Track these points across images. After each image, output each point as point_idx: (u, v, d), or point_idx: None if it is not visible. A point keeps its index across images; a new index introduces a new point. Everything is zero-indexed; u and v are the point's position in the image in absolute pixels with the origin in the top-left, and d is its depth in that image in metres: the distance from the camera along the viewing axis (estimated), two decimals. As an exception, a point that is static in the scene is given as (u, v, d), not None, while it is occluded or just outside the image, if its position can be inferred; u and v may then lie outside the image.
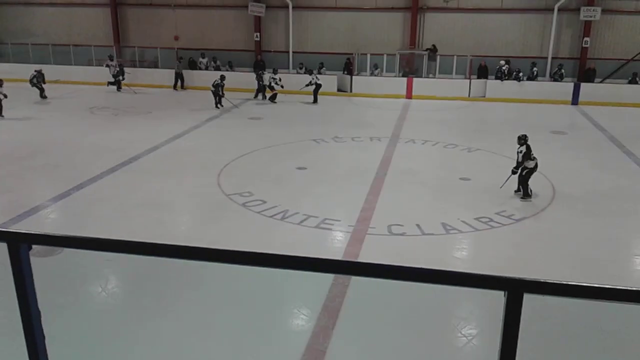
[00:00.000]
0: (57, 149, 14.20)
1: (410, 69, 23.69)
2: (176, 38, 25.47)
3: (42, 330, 1.92)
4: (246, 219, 9.73)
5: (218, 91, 19.13)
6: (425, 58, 23.19)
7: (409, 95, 22.30)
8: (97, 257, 7.36)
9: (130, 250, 1.80)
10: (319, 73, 22.46)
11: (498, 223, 9.59)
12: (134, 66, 24.87)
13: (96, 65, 24.86)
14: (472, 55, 22.46)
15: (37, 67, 21.40)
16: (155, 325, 6.39)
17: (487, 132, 16.92)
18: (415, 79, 22.53)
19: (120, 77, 22.53)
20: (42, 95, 20.74)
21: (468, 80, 22.27)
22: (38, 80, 20.64)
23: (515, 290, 1.27)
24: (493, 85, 21.99)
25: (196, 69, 24.31)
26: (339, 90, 22.80)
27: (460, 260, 8.47)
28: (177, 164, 13.07)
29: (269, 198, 10.55)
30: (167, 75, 23.55)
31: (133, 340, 6.13)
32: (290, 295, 7.10)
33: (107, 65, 23.47)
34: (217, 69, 24.32)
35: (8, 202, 10.35)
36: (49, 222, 9.76)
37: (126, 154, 13.58)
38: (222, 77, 19.49)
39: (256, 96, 21.53)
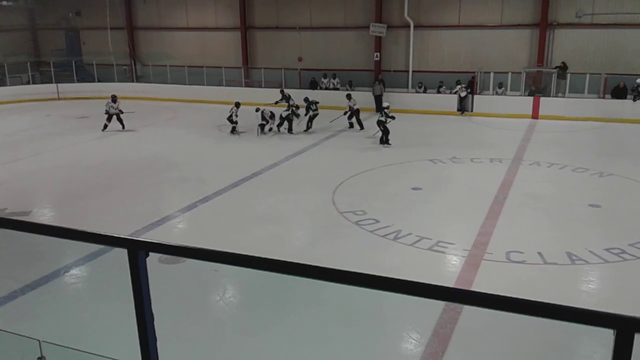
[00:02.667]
0: (187, 163, 15.26)
1: (537, 87, 22.55)
2: (300, 59, 26.42)
3: (154, 332, 2.05)
4: (358, 237, 9.75)
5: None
6: (554, 76, 21.95)
7: (535, 115, 21.20)
8: (214, 267, 7.76)
9: (235, 263, 1.88)
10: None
11: (632, 256, 8.74)
12: (260, 86, 26.10)
13: (225, 86, 26.44)
14: (607, 74, 20.88)
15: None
16: (266, 337, 6.58)
17: (622, 156, 15.58)
18: (542, 98, 21.39)
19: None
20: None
21: (602, 100, 20.71)
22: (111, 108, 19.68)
23: (624, 329, 1.15)
24: (631, 105, 20.25)
25: (317, 89, 25.00)
26: (459, 109, 22.25)
27: (585, 293, 7.82)
28: (294, 180, 13.46)
29: (382, 217, 10.50)
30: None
31: (243, 350, 6.35)
32: (400, 317, 6.97)
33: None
34: (336, 88, 24.85)
35: (144, 212, 11.26)
36: (176, 232, 10.47)
37: (248, 169, 14.24)
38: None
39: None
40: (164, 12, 29.30)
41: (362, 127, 19.52)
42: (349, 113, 19.76)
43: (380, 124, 16.89)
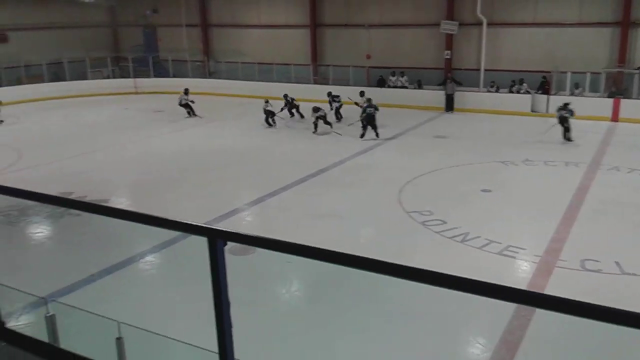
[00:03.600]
0: (254, 158, 15.56)
1: (617, 88, 21.39)
2: (368, 57, 26.32)
3: (230, 319, 2.11)
4: (424, 238, 9.62)
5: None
6: (637, 77, 20.76)
7: (614, 118, 20.13)
8: (283, 260, 7.87)
9: (313, 255, 1.89)
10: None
11: None
12: (328, 84, 26.19)
13: (294, 83, 26.74)
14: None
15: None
16: (328, 331, 6.61)
17: None
18: (623, 100, 20.26)
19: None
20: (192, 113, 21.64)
21: (691, 103, 19.40)
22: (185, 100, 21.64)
23: None
24: None
25: (384, 86, 24.83)
26: (532, 110, 21.47)
27: (668, 307, 7.36)
28: (360, 178, 13.44)
29: (449, 219, 10.30)
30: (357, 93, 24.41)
31: (305, 342, 6.41)
32: (467, 321, 6.82)
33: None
34: (404, 86, 24.59)
35: (213, 204, 11.58)
36: (244, 225, 10.70)
37: (315, 165, 14.34)
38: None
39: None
40: (237, 10, 29.95)
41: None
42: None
43: None
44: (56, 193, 9.82)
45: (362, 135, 17.28)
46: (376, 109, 17.26)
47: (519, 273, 8.31)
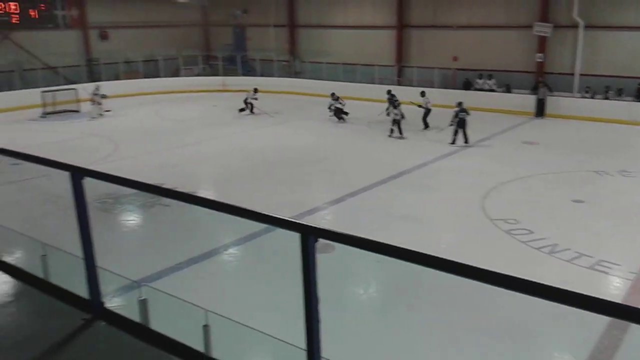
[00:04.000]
0: (336, 157, 15.66)
1: None
2: (455, 59, 25.74)
3: (319, 314, 2.13)
4: (509, 248, 9.28)
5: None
6: None
7: None
8: (363, 261, 7.87)
9: (402, 257, 1.88)
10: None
11: None
12: (411, 85, 25.86)
13: (378, 84, 26.64)
14: None
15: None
16: (405, 336, 6.54)
17: None
18: None
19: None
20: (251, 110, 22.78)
21: None
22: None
23: None
24: None
25: (470, 89, 24.19)
26: (631, 118, 20.15)
27: None
28: (443, 182, 13.18)
29: (536, 229, 9.88)
30: (442, 96, 23.97)
31: (380, 344, 6.37)
32: (554, 335, 6.52)
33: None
34: (491, 90, 23.84)
35: (294, 201, 11.77)
36: (323, 224, 10.79)
37: (397, 167, 14.22)
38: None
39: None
40: (324, 11, 30.22)
41: (426, 127, 19.30)
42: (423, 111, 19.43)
43: None
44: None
45: (454, 142, 16.86)
46: (467, 113, 16.85)
47: (612, 289, 7.83)
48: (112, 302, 3.98)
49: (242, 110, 22.68)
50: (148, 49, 29.39)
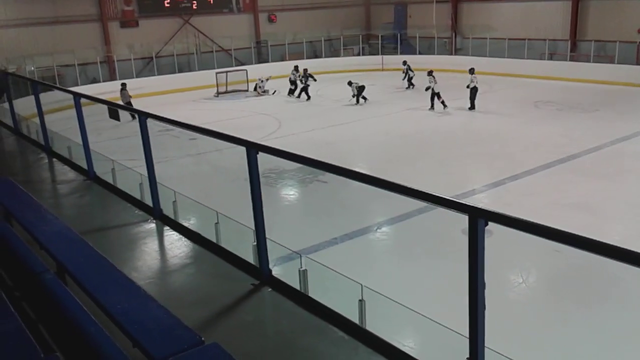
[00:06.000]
0: (496, 139, 14.90)
1: None
2: (640, 31, 22.96)
3: (484, 300, 2.06)
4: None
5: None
6: None
7: None
8: (522, 248, 7.46)
9: (588, 248, 1.73)
10: None
11: None
12: (588, 61, 23.62)
13: (547, 60, 24.76)
14: None
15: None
16: (565, 331, 6.10)
17: None
18: None
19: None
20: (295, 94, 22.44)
21: None
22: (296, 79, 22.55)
23: None
24: None
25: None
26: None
27: None
28: (619, 168, 11.93)
29: None
30: (623, 73, 21.59)
31: (542, 340, 6.01)
32: None
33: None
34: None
35: (449, 183, 11.46)
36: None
37: (564, 151, 13.17)
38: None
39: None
40: (492, -17, 28.72)
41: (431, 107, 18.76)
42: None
43: None
44: (309, 160, 10.76)
45: None
46: None
47: None
48: (275, 271, 4.23)
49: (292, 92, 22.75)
50: (311, 30, 30.38)
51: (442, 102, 18.70)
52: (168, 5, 27.48)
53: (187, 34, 28.42)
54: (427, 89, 19.18)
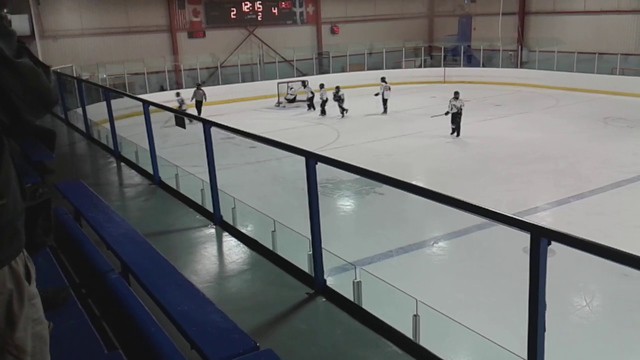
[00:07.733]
0: (563, 156, 14.40)
1: None
2: None
3: (544, 322, 1.99)
4: None
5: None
6: None
7: None
8: (584, 268, 7.17)
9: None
10: None
11: None
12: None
13: (619, 75, 23.76)
14: None
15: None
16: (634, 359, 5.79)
17: None
18: None
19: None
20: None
21: None
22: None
23: None
24: None
25: None
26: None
27: None
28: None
29: None
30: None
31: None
32: None
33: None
34: None
35: (511, 199, 11.17)
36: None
37: (634, 170, 12.58)
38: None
39: None
40: (561, -5, 27.91)
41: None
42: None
43: None
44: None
45: None
46: None
47: None
48: (329, 281, 4.24)
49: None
50: (373, 42, 30.41)
51: (454, 129, 17.09)
52: (234, 16, 28.22)
53: (251, 44, 29.06)
54: (446, 113, 17.56)
